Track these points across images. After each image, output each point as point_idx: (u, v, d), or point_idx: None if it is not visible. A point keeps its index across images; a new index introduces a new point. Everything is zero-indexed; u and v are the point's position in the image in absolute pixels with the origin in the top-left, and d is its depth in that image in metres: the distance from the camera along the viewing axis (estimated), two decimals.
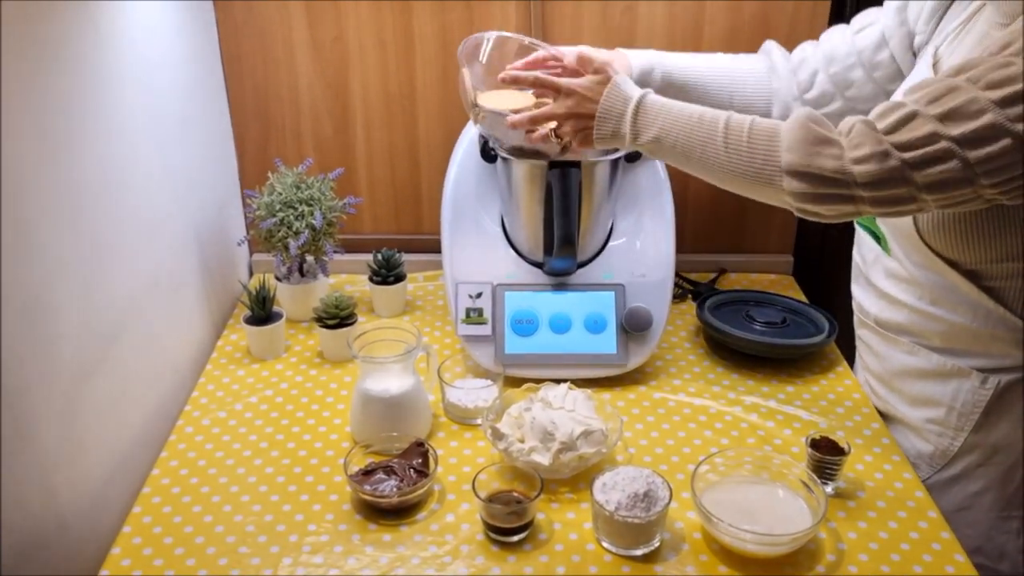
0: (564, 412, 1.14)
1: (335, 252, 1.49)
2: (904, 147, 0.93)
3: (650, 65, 1.29)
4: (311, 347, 1.45)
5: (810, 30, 1.52)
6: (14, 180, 0.90)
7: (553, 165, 1.26)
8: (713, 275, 1.68)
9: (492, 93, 1.25)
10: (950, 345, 1.14)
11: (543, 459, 1.10)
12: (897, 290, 1.18)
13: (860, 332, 1.31)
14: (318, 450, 1.21)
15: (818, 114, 1.01)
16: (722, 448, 1.20)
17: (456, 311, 1.35)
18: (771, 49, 1.34)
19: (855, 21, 1.26)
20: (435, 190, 1.59)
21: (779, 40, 1.52)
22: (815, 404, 1.31)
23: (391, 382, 1.19)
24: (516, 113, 1.17)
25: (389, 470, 1.12)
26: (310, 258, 1.51)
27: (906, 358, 1.20)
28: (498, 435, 1.14)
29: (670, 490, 1.05)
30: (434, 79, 1.57)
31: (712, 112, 1.06)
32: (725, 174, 1.04)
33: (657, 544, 1.03)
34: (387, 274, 1.52)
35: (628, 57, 1.28)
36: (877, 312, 1.23)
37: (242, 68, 1.57)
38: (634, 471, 1.07)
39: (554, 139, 1.16)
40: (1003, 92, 0.88)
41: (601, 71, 1.12)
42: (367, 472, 1.12)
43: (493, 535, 1.05)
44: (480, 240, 1.39)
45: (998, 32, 0.99)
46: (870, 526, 1.07)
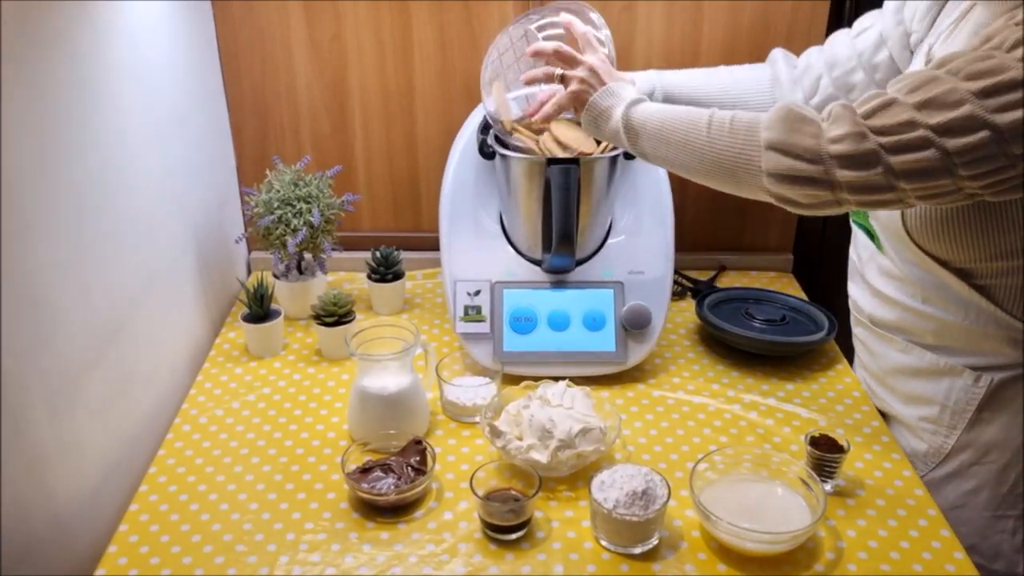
0: (562, 410, 1.14)
1: (333, 250, 1.49)
2: (880, 131, 0.93)
3: (651, 86, 1.30)
4: (309, 345, 1.45)
5: (809, 30, 1.52)
6: (12, 178, 0.90)
7: (552, 162, 1.26)
8: (712, 273, 1.68)
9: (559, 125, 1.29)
10: (943, 343, 1.14)
11: (541, 457, 1.10)
12: (890, 288, 1.18)
13: (856, 330, 1.31)
14: (316, 448, 1.21)
15: (803, 104, 1.02)
16: (721, 446, 1.20)
17: (454, 309, 1.34)
18: (776, 58, 1.34)
19: (856, 25, 1.27)
20: (433, 188, 1.59)
21: (779, 40, 1.52)
22: (814, 402, 1.31)
23: (389, 380, 1.18)
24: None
25: (387, 468, 1.11)
26: (308, 256, 1.51)
27: (900, 356, 1.20)
28: (496, 433, 1.14)
29: (668, 488, 1.04)
30: (432, 77, 1.57)
31: (700, 108, 1.08)
32: (706, 162, 1.05)
33: (655, 542, 1.03)
34: (385, 272, 1.52)
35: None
36: (871, 310, 1.23)
37: (240, 66, 1.57)
38: (632, 469, 1.06)
39: (556, 81, 1.22)
40: (982, 83, 0.88)
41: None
42: (365, 470, 1.12)
43: (491, 533, 1.05)
44: (478, 238, 1.39)
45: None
46: (869, 524, 1.07)
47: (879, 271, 1.20)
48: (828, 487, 1.11)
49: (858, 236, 1.26)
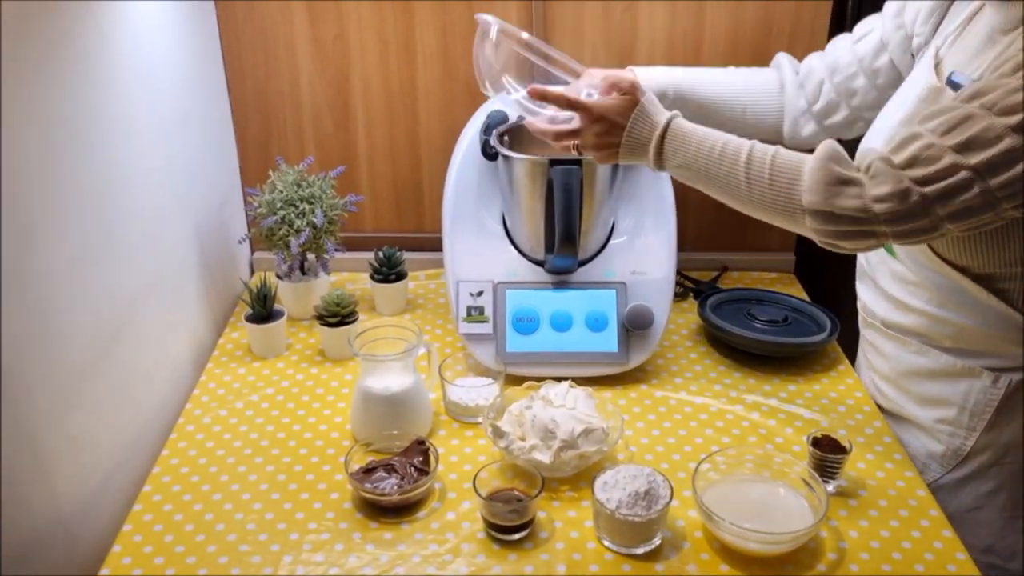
0: (565, 410, 1.14)
1: (336, 250, 1.49)
2: (924, 181, 0.93)
3: (661, 88, 1.30)
4: (312, 345, 1.45)
5: (811, 31, 1.52)
6: (15, 178, 0.90)
7: (555, 163, 1.26)
8: (715, 273, 1.68)
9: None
10: (960, 346, 1.13)
11: (544, 457, 1.10)
12: (904, 293, 1.17)
13: (865, 332, 1.30)
14: (319, 448, 1.21)
15: (838, 149, 1.00)
16: (723, 447, 1.20)
17: (457, 309, 1.35)
18: (782, 63, 1.35)
19: (856, 29, 1.27)
20: (436, 188, 1.59)
21: (781, 40, 1.52)
22: (816, 403, 1.31)
23: (392, 380, 1.19)
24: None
25: (390, 468, 1.12)
26: (311, 256, 1.51)
27: (915, 358, 1.19)
28: (499, 433, 1.14)
29: (671, 488, 1.04)
30: (435, 77, 1.57)
31: (735, 142, 1.06)
32: (748, 205, 1.06)
33: (658, 542, 1.03)
34: (388, 272, 1.52)
35: (640, 78, 1.25)
36: (884, 314, 1.22)
37: (243, 66, 1.57)
38: (635, 469, 1.06)
39: (574, 152, 1.17)
40: (1018, 117, 0.89)
41: (629, 93, 1.10)
42: (368, 470, 1.12)
43: (494, 533, 1.05)
44: (481, 238, 1.39)
45: (1002, 37, 0.99)
46: (871, 525, 1.07)
47: (891, 276, 1.19)
48: (830, 488, 1.11)
49: None
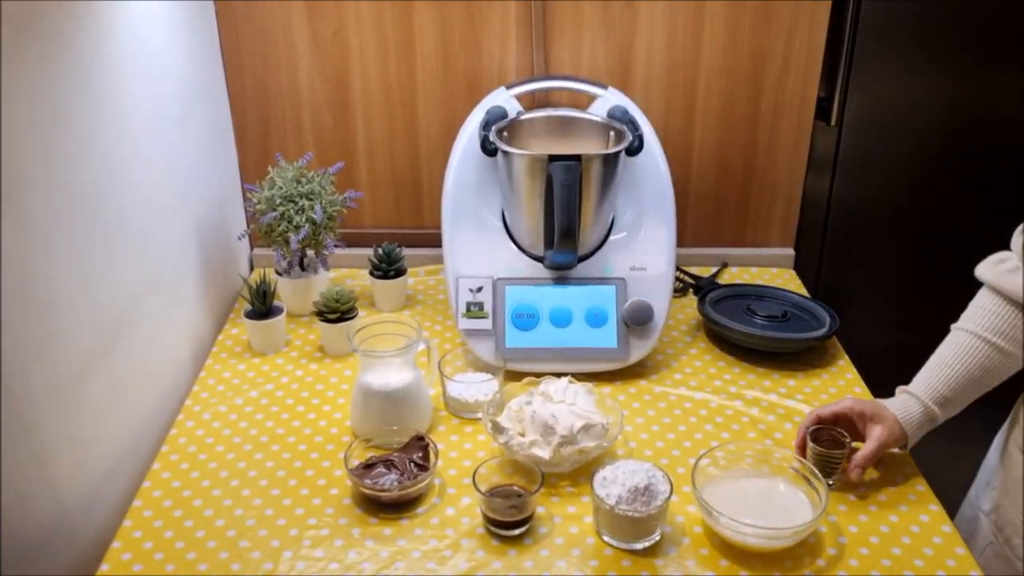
0: (565, 406, 1.14)
1: (335, 246, 1.49)
2: None
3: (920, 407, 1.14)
4: (312, 341, 1.45)
5: (810, 29, 1.52)
6: (15, 175, 0.90)
7: (554, 159, 1.26)
8: (714, 269, 1.68)
9: None
10: None
11: (543, 453, 1.10)
12: None
13: None
14: (318, 444, 1.21)
15: None
16: (723, 442, 1.20)
17: (457, 305, 1.35)
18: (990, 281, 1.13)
19: None
20: (436, 184, 1.59)
21: (780, 40, 1.52)
22: (816, 398, 1.31)
23: (392, 376, 1.19)
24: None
25: (389, 464, 1.12)
26: (311, 252, 1.51)
27: None
28: (498, 429, 1.14)
29: (671, 484, 1.05)
30: (434, 73, 1.57)
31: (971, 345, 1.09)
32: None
33: (658, 538, 1.03)
34: (388, 268, 1.52)
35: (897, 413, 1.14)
36: None
37: (242, 62, 1.57)
38: (635, 465, 1.07)
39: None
40: None
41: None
42: (367, 466, 1.12)
43: (493, 529, 1.05)
44: (481, 234, 1.39)
45: None
46: (871, 520, 1.07)
47: None
48: (830, 482, 1.11)
49: None
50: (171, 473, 1.15)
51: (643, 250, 1.38)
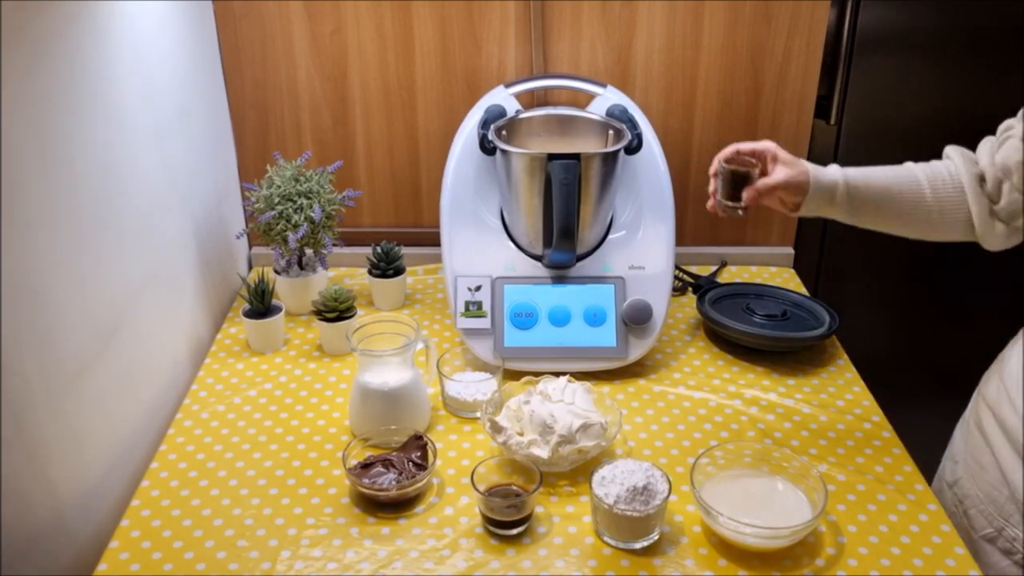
0: (563, 405, 1.14)
1: (334, 245, 1.49)
2: None
3: (833, 180, 1.17)
4: (310, 340, 1.45)
5: (809, 27, 1.52)
6: (13, 173, 0.89)
7: (553, 157, 1.26)
8: (713, 268, 1.68)
9: None
10: None
11: (542, 452, 1.10)
12: None
13: None
14: (317, 443, 1.21)
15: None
16: (722, 441, 1.20)
17: (455, 304, 1.34)
18: (952, 155, 1.17)
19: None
20: (434, 183, 1.59)
21: (779, 39, 1.52)
22: (815, 397, 1.31)
23: (390, 375, 1.19)
24: None
25: (388, 463, 1.11)
26: (309, 251, 1.51)
27: None
28: (497, 428, 1.14)
29: (669, 483, 1.04)
30: (433, 72, 1.57)
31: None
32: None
33: (656, 537, 1.03)
34: (386, 267, 1.52)
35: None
36: None
37: (241, 61, 1.57)
38: (633, 464, 1.06)
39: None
40: None
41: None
42: (366, 465, 1.12)
43: (492, 528, 1.05)
44: (479, 233, 1.39)
45: None
46: (870, 519, 1.07)
47: None
48: (740, 211, 1.17)
49: None
50: (169, 472, 1.15)
51: (642, 249, 1.38)
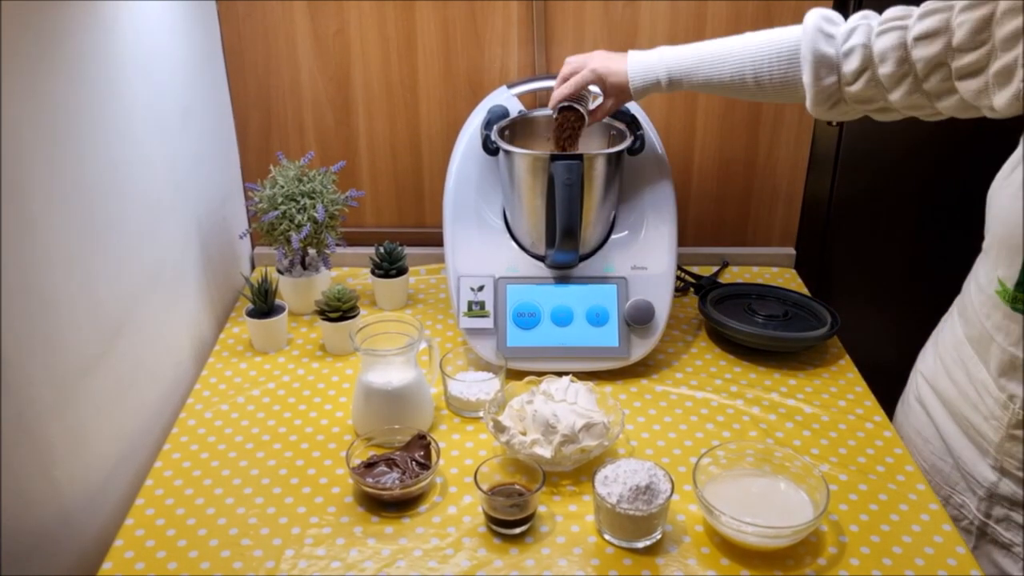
0: (566, 405, 1.15)
1: (337, 245, 1.49)
2: None
3: (654, 75, 1.25)
4: (313, 340, 1.45)
5: None
6: (16, 173, 0.90)
7: (555, 158, 1.26)
8: (715, 268, 1.68)
9: None
10: None
11: (545, 452, 1.10)
12: None
13: (1017, 432, 1.07)
14: (320, 443, 1.21)
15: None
16: (724, 441, 1.20)
17: (458, 304, 1.35)
18: (809, 28, 1.15)
19: (915, 27, 1.05)
20: (437, 183, 1.59)
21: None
22: (817, 397, 1.31)
23: (393, 375, 1.19)
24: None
25: (391, 463, 1.12)
26: (312, 251, 1.51)
27: None
28: (500, 428, 1.14)
29: (672, 483, 1.05)
30: (436, 72, 1.57)
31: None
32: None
33: (659, 537, 1.04)
34: (389, 267, 1.52)
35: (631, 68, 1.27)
36: None
37: (244, 61, 1.57)
38: (636, 464, 1.07)
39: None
40: None
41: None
42: (369, 464, 1.12)
43: (495, 527, 1.05)
44: (482, 233, 1.39)
45: None
46: (871, 519, 1.08)
47: None
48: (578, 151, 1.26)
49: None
50: (173, 471, 1.15)
51: (644, 249, 1.38)
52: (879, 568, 1.01)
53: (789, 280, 1.66)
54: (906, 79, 1.08)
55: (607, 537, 1.04)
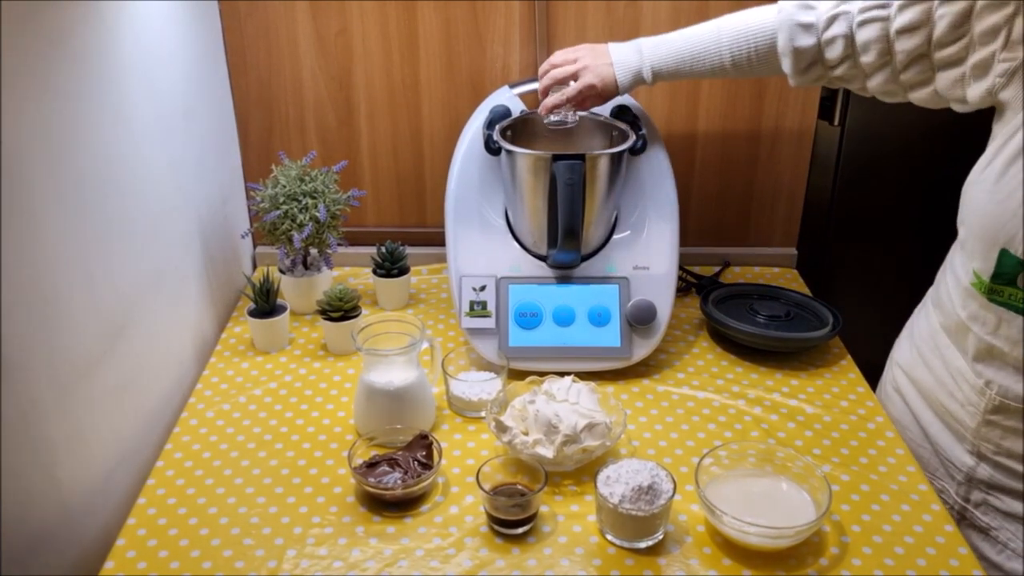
0: (568, 405, 1.15)
1: (339, 245, 1.49)
2: None
3: (634, 71, 1.29)
4: (315, 340, 1.45)
5: None
6: (19, 172, 0.90)
7: (557, 158, 1.26)
8: (717, 268, 1.68)
9: None
10: None
11: (547, 452, 1.10)
12: None
13: (993, 417, 1.09)
14: (322, 443, 1.21)
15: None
16: (726, 441, 1.20)
17: (460, 304, 1.35)
18: (786, 13, 1.17)
19: (897, 18, 1.07)
20: (439, 183, 1.59)
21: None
22: (819, 397, 1.31)
23: (395, 375, 1.19)
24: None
25: (393, 462, 1.12)
26: (314, 251, 1.51)
27: None
28: (502, 428, 1.14)
29: (674, 483, 1.05)
30: (438, 72, 1.57)
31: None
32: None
33: (660, 537, 1.04)
34: (391, 267, 1.52)
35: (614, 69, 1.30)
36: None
37: (246, 61, 1.57)
38: (638, 464, 1.07)
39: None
40: None
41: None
42: (371, 464, 1.12)
43: (497, 527, 1.05)
44: (484, 233, 1.39)
45: None
46: (873, 520, 1.08)
47: None
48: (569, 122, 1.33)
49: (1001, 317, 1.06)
50: (175, 471, 1.15)
51: (646, 249, 1.38)
52: (881, 568, 1.01)
53: (791, 280, 1.66)
54: (886, 68, 1.12)
55: (609, 537, 1.04)
